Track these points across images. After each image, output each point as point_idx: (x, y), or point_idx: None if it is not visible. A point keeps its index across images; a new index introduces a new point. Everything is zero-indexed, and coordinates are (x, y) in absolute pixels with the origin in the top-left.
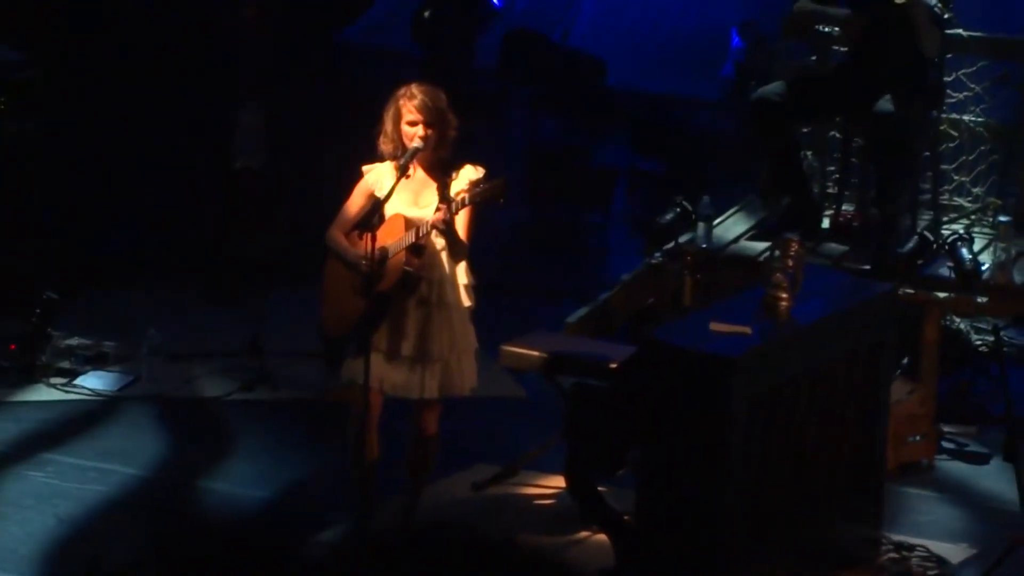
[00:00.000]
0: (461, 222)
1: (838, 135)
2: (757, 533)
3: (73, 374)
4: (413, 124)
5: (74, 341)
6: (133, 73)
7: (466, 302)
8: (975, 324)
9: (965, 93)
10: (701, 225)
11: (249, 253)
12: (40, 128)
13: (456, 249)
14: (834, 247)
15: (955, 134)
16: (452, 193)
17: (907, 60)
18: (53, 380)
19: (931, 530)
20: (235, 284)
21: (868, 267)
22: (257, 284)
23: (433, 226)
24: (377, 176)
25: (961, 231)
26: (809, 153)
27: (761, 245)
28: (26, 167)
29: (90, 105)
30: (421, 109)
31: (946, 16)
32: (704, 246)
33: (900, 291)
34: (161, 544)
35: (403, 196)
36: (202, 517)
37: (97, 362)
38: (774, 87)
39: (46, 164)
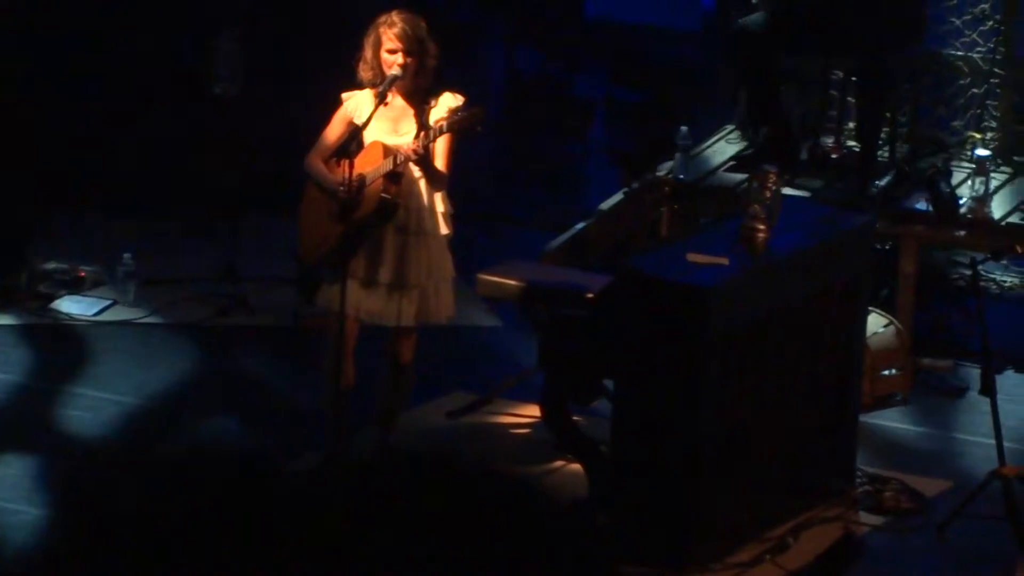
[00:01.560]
0: (440, 150)
1: (817, 67)
2: (731, 464)
3: (49, 299)
4: (393, 52)
5: (50, 266)
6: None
7: (444, 230)
8: (952, 258)
9: (945, 27)
10: (679, 156)
11: (226, 179)
12: (14, 52)
13: (434, 177)
14: (812, 179)
15: (935, 67)
16: (431, 121)
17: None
18: (29, 304)
19: (906, 463)
20: (212, 210)
21: (846, 199)
22: (234, 211)
23: (407, 156)
24: (356, 103)
25: (939, 165)
26: (788, 85)
27: (739, 176)
28: (7, 91)
29: (65, 30)
30: (401, 37)
31: None
32: (682, 177)
33: (878, 224)
34: (135, 468)
35: (382, 124)
36: (175, 442)
37: (72, 287)
38: (756, 18)
39: (22, 91)
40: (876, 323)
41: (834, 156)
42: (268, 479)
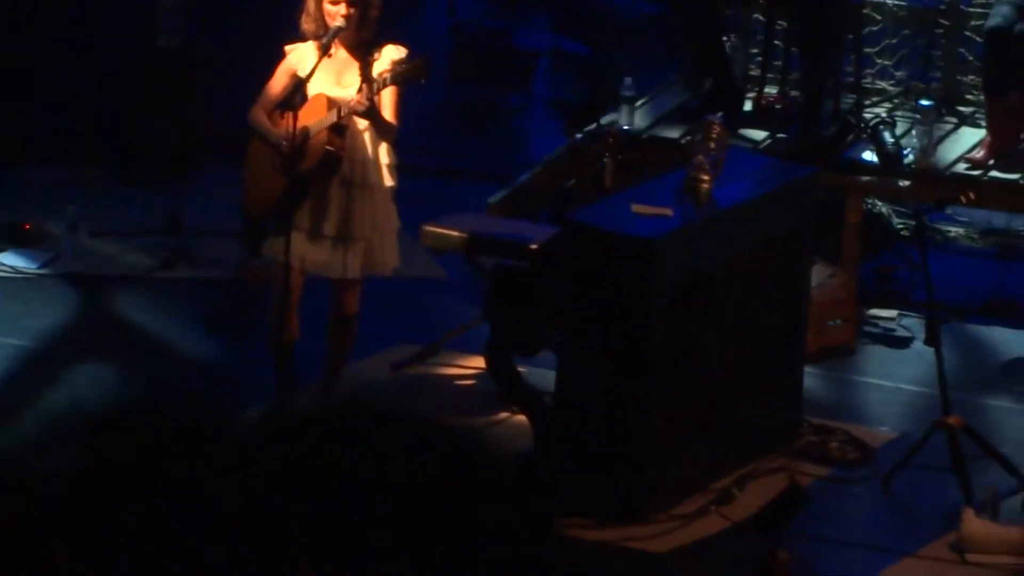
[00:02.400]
0: (387, 102)
1: (761, 18)
2: (677, 416)
3: None
4: (335, 3)
5: None
6: None
7: (388, 182)
8: (897, 208)
9: None
10: (623, 106)
11: (170, 131)
12: None
13: (383, 128)
14: (756, 130)
15: (878, 17)
16: (374, 73)
17: None
18: None
19: (852, 414)
20: (156, 162)
21: (791, 150)
22: (178, 163)
23: (352, 109)
24: (299, 56)
25: (884, 115)
26: (732, 35)
27: (683, 127)
28: None
29: None
30: None
31: None
32: (626, 127)
33: (822, 174)
34: (81, 418)
35: (325, 76)
36: (119, 395)
37: (16, 239)
38: None
39: None
40: (821, 273)
41: (778, 107)
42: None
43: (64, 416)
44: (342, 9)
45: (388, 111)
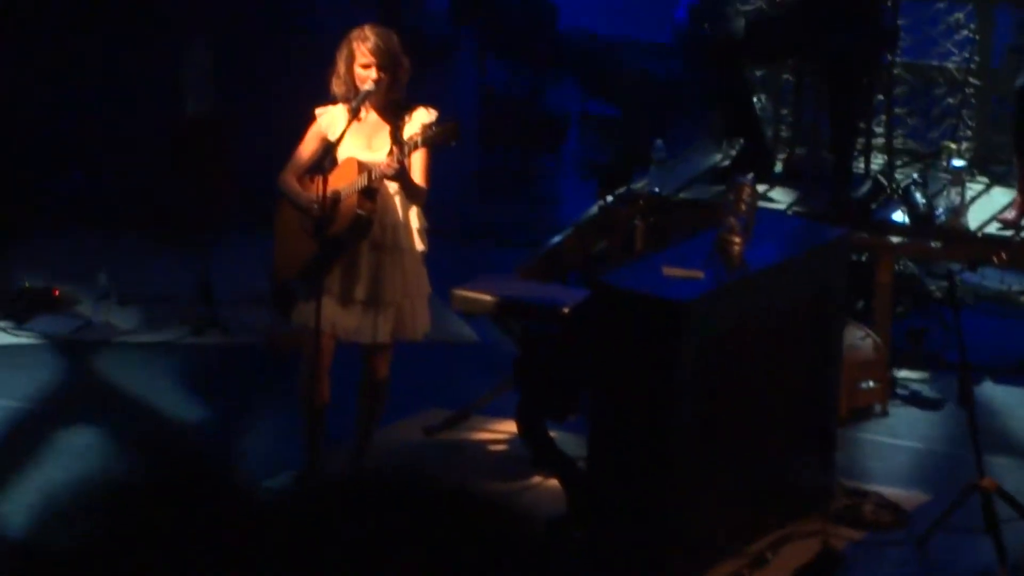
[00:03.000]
0: (417, 165)
1: (791, 78)
2: (708, 479)
3: (23, 318)
4: (366, 67)
5: (24, 285)
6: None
7: (419, 246)
8: (929, 269)
9: (920, 36)
10: (654, 169)
11: (199, 197)
12: None
13: (411, 192)
14: (787, 191)
15: (909, 77)
16: (405, 136)
17: (868, 5)
18: (2, 324)
19: (885, 476)
20: (185, 228)
21: (821, 211)
22: (208, 229)
23: (383, 172)
24: (330, 119)
25: (915, 175)
26: (762, 96)
27: (714, 189)
28: None
29: (37, 44)
30: (374, 51)
31: None
32: (656, 190)
33: (853, 235)
34: (111, 487)
35: (356, 139)
36: (150, 461)
37: (47, 306)
38: (729, 28)
39: None
40: (853, 335)
41: (808, 168)
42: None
43: (93, 486)
44: (372, 72)
45: (418, 174)
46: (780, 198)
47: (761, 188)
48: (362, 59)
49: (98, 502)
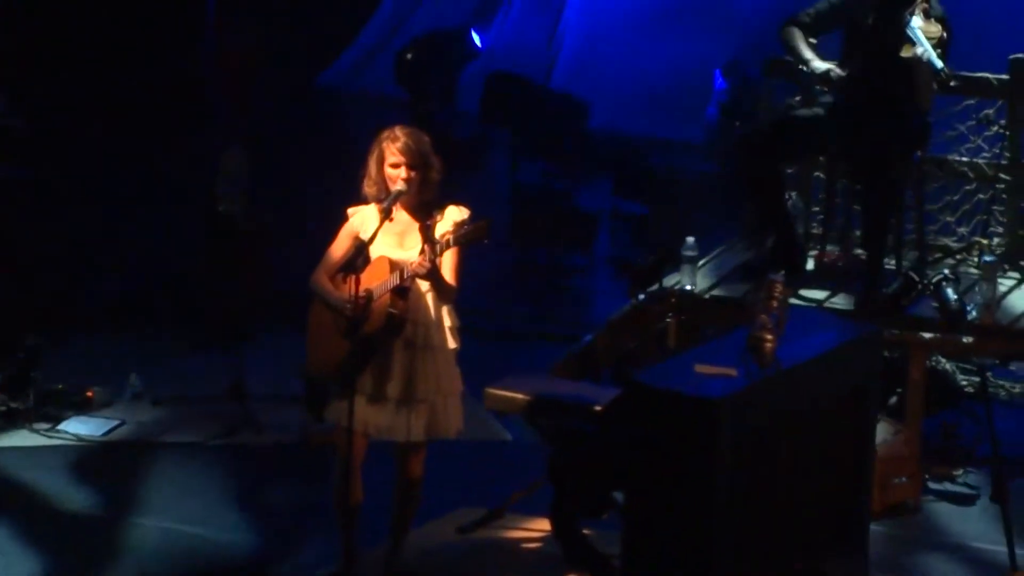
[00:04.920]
0: (448, 264)
1: (822, 175)
2: (743, 575)
3: (57, 419)
4: (396, 166)
5: (58, 386)
6: (116, 119)
7: (451, 344)
8: (961, 364)
9: (950, 133)
10: (685, 267)
11: (232, 297)
12: (23, 174)
13: (442, 291)
14: (819, 288)
15: (940, 174)
16: (437, 235)
17: (898, 108)
18: (36, 425)
19: (918, 573)
20: (218, 328)
21: (853, 308)
22: (240, 328)
23: (415, 271)
24: (362, 219)
25: (946, 271)
26: (793, 194)
27: (745, 286)
28: (9, 212)
29: (74, 150)
30: (404, 151)
31: (942, 68)
32: (688, 288)
33: (885, 332)
34: None
35: (388, 238)
36: (186, 563)
37: (81, 407)
38: (760, 127)
39: (28, 209)
40: (885, 431)
41: (840, 264)
42: None
43: None
44: (403, 172)
45: (448, 272)
46: (812, 295)
47: (792, 285)
48: (392, 159)
49: None
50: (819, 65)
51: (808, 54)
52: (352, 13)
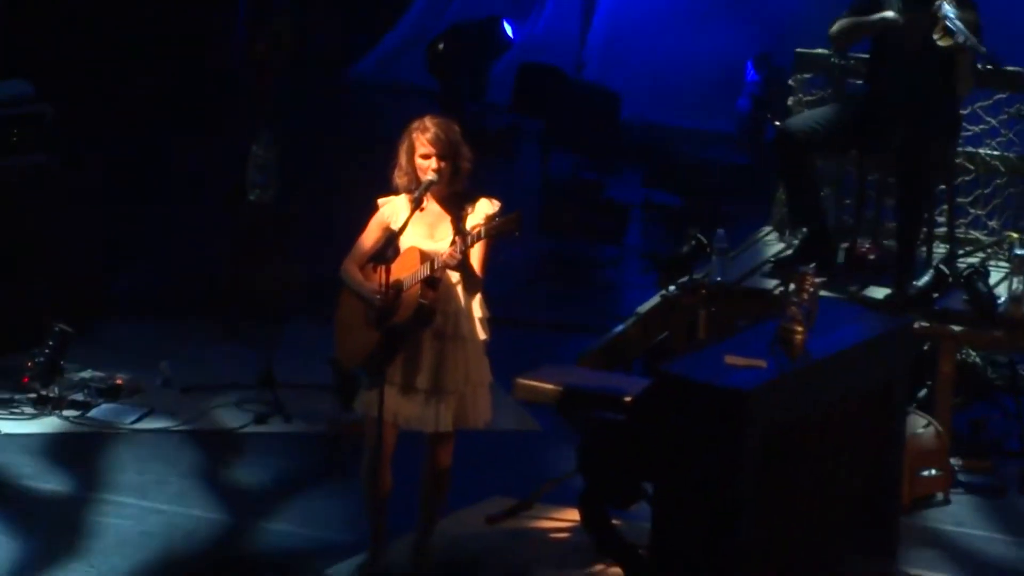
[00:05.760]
0: (476, 255)
1: (853, 169)
2: (771, 567)
3: (86, 407)
4: (427, 157)
5: (87, 374)
6: (146, 106)
7: (481, 335)
8: (991, 357)
9: (981, 126)
10: (716, 258)
11: (262, 286)
12: (52, 161)
13: (471, 282)
14: (849, 281)
15: (971, 167)
16: (468, 226)
17: (933, 97)
18: (66, 413)
19: (947, 565)
20: (248, 317)
21: (883, 300)
22: (270, 317)
23: (445, 262)
24: (392, 209)
25: (977, 264)
26: (825, 188)
27: (776, 279)
28: (38, 200)
29: (103, 138)
30: (434, 142)
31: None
32: (719, 279)
33: (915, 324)
34: None
35: (418, 229)
36: (215, 550)
37: (110, 395)
38: (795, 120)
39: (58, 197)
40: (915, 423)
41: (871, 257)
42: None
43: None
44: (433, 163)
45: (476, 263)
46: (842, 287)
47: (823, 277)
48: (422, 149)
49: None
50: (882, 14)
51: (862, 18)
52: (387, 4)
